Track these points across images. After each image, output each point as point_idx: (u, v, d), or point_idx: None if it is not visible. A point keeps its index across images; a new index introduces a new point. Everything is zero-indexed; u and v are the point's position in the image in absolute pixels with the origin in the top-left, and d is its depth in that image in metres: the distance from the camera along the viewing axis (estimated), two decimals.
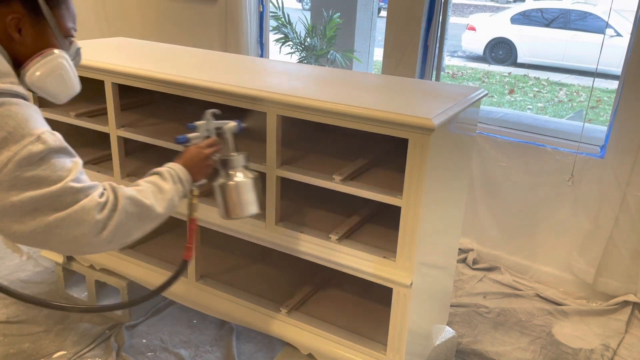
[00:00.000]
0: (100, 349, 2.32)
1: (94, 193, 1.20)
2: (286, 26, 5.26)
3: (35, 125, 1.14)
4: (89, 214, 1.18)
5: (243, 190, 1.59)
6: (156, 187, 1.38)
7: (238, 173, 1.61)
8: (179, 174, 1.47)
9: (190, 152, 1.55)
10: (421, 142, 1.57)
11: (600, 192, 2.70)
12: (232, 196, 1.60)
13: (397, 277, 1.72)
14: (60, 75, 1.27)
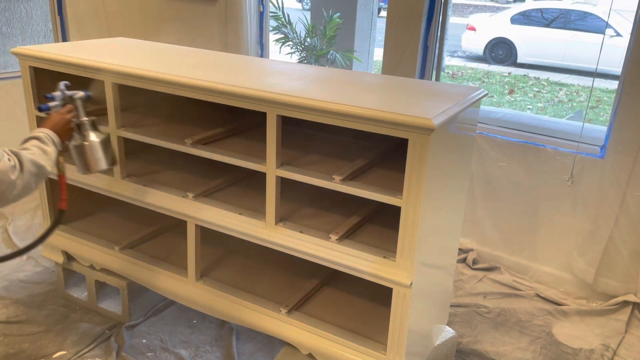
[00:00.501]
0: (100, 349, 2.32)
1: (3, 159, 1.49)
2: (286, 26, 5.26)
3: None
4: (5, 175, 1.48)
5: (96, 148, 1.90)
6: (42, 150, 1.65)
7: (91, 134, 1.90)
8: (52, 137, 1.72)
9: (55, 118, 1.81)
10: (421, 142, 1.57)
11: (600, 192, 2.70)
12: (89, 153, 1.89)
13: (397, 277, 1.72)
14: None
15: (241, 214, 2.04)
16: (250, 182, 2.28)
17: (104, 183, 2.31)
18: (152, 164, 2.42)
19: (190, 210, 2.12)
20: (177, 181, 2.29)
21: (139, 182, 2.26)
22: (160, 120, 2.36)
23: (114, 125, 2.19)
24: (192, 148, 2.06)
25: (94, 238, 2.49)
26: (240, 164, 1.97)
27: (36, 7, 4.09)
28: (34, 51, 2.29)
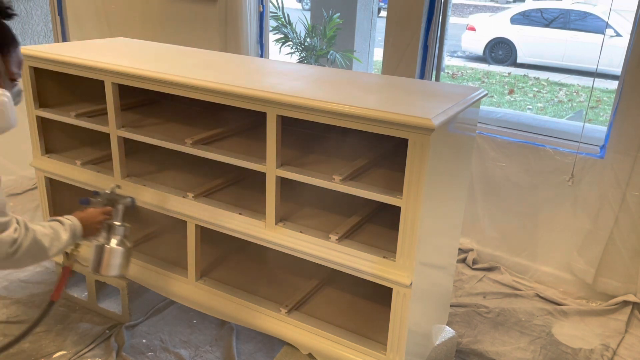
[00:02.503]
0: (100, 349, 2.32)
1: (10, 229, 1.46)
2: (286, 26, 5.26)
3: None
4: (2, 247, 1.44)
5: (114, 255, 1.89)
6: (57, 235, 1.64)
7: (116, 240, 1.89)
8: (76, 230, 1.72)
9: (89, 213, 1.82)
10: (421, 142, 1.57)
11: (600, 192, 2.71)
12: (106, 257, 1.88)
13: (397, 277, 1.72)
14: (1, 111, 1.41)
15: (241, 214, 2.04)
16: (250, 182, 2.29)
17: (104, 183, 2.31)
18: (152, 164, 2.42)
19: (190, 210, 2.12)
20: (177, 181, 2.29)
21: (139, 182, 2.27)
22: (160, 120, 2.36)
23: (114, 125, 2.19)
24: (192, 148, 2.06)
25: None
26: (240, 164, 1.97)
27: (36, 7, 4.09)
28: (34, 51, 2.29)
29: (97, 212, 1.85)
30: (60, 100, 2.47)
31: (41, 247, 1.57)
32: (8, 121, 1.44)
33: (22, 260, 1.53)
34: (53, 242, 1.62)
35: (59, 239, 1.64)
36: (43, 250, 1.58)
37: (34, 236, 1.54)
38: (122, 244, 1.90)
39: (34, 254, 1.55)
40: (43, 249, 1.58)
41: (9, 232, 1.45)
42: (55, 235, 1.63)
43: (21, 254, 1.50)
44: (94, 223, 1.82)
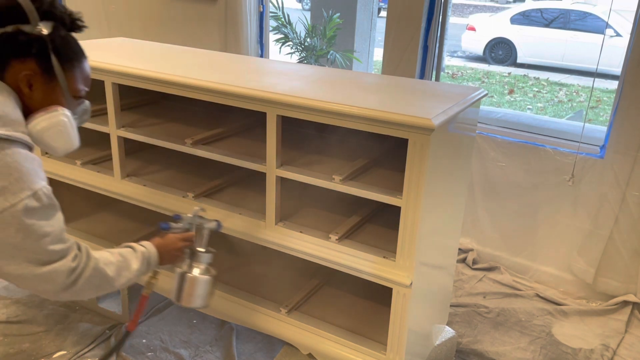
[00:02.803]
0: (100, 349, 2.32)
1: (68, 257, 1.31)
2: (286, 26, 5.25)
3: (34, 180, 1.22)
4: (59, 277, 1.29)
5: (198, 285, 1.71)
6: (126, 263, 1.48)
7: (200, 268, 1.71)
8: (150, 258, 1.56)
9: (168, 239, 1.66)
10: (421, 142, 1.57)
11: (600, 192, 2.71)
12: (187, 286, 1.71)
13: (397, 277, 1.72)
14: (59, 131, 1.33)
15: (241, 214, 2.04)
16: (250, 182, 2.29)
17: (104, 183, 2.31)
18: (152, 164, 2.42)
19: (190, 210, 2.11)
20: (177, 181, 2.29)
21: (139, 182, 2.27)
22: (160, 120, 2.36)
23: (114, 125, 2.19)
24: (192, 148, 2.06)
25: (94, 238, 2.49)
26: (240, 164, 1.97)
27: None
28: None
29: (178, 238, 1.67)
30: None
31: (105, 277, 1.40)
32: (68, 142, 1.37)
33: (83, 291, 1.36)
34: (121, 272, 1.45)
35: (128, 268, 1.48)
36: (107, 280, 1.41)
37: (96, 265, 1.38)
38: (207, 272, 1.72)
39: (96, 285, 1.39)
40: (107, 279, 1.41)
41: (65, 260, 1.30)
42: (123, 263, 1.47)
43: (81, 284, 1.34)
44: (173, 250, 1.65)
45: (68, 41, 1.35)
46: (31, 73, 1.29)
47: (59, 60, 1.31)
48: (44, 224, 1.23)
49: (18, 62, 1.28)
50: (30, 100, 1.31)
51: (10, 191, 1.17)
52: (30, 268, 1.24)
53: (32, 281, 1.26)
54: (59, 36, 1.31)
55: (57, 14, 1.32)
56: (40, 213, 1.22)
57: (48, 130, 1.31)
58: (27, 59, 1.28)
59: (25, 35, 1.27)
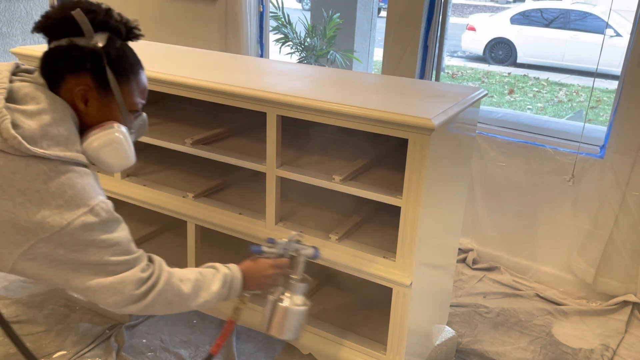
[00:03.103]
0: (100, 349, 2.32)
1: (137, 267, 1.26)
2: (286, 26, 5.25)
3: (90, 195, 1.19)
4: (126, 288, 1.23)
5: (290, 317, 1.58)
6: (205, 283, 1.40)
7: (294, 297, 1.59)
8: (233, 282, 1.47)
9: (259, 265, 1.55)
10: (421, 142, 1.57)
11: (600, 192, 2.71)
12: (278, 316, 1.58)
13: (397, 277, 1.72)
14: (115, 148, 1.28)
15: (241, 214, 2.04)
16: (250, 182, 2.28)
17: (104, 183, 2.30)
18: (152, 164, 2.42)
19: (190, 210, 2.12)
20: (177, 181, 2.29)
21: (139, 182, 2.27)
22: (160, 120, 2.36)
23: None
24: (192, 148, 2.06)
25: None
26: (240, 164, 1.97)
27: (36, 7, 4.09)
28: (34, 51, 2.29)
29: (269, 264, 1.56)
30: None
31: (179, 294, 1.33)
32: (124, 159, 1.32)
33: (155, 306, 1.29)
34: (198, 292, 1.38)
35: (207, 288, 1.39)
36: (182, 297, 1.34)
37: (169, 279, 1.32)
38: (300, 303, 1.59)
39: (169, 301, 1.32)
40: (182, 296, 1.34)
41: (134, 271, 1.25)
42: (202, 283, 1.39)
43: (153, 298, 1.28)
44: (263, 277, 1.54)
45: (124, 53, 1.32)
46: (86, 88, 1.25)
47: (114, 74, 1.27)
48: (106, 238, 1.20)
49: (73, 77, 1.24)
50: (86, 116, 1.27)
51: (66, 209, 1.14)
52: (97, 280, 1.21)
53: (100, 293, 1.22)
54: (114, 48, 1.28)
55: (112, 25, 1.29)
56: (101, 227, 1.19)
57: (103, 148, 1.26)
58: (82, 73, 1.25)
59: (79, 49, 1.23)
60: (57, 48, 1.25)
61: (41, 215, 1.12)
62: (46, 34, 1.28)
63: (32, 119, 1.16)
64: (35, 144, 1.13)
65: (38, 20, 1.27)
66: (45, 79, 1.26)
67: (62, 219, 1.14)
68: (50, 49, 1.27)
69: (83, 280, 1.20)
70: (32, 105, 1.18)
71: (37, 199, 1.12)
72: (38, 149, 1.12)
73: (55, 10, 1.26)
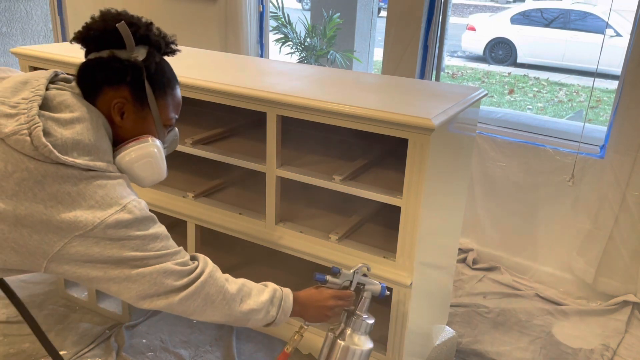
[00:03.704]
0: (100, 349, 2.32)
1: (178, 260, 1.24)
2: (286, 26, 5.26)
3: (122, 195, 1.18)
4: (168, 278, 1.21)
5: (350, 356, 1.49)
6: (253, 292, 1.36)
7: (355, 336, 1.50)
8: (284, 302, 1.42)
9: (319, 295, 1.51)
10: (421, 142, 1.57)
11: (600, 192, 2.71)
12: (336, 354, 1.50)
13: (397, 277, 1.72)
14: (149, 162, 1.29)
15: (241, 214, 2.04)
16: (250, 182, 2.28)
17: None
18: None
19: (190, 210, 2.12)
20: (177, 181, 2.29)
21: None
22: None
23: None
24: (192, 148, 2.06)
25: None
26: (240, 164, 1.97)
27: (36, 7, 4.10)
28: (34, 51, 2.29)
29: (332, 294, 1.50)
30: None
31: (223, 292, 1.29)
32: (157, 173, 1.33)
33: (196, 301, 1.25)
34: (244, 297, 1.33)
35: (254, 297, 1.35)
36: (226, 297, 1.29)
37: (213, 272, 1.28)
38: (362, 342, 1.49)
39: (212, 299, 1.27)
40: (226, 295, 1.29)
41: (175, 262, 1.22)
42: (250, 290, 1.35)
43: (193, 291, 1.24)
44: (323, 308, 1.48)
45: (162, 68, 1.31)
46: (124, 101, 1.25)
47: (152, 88, 1.26)
48: (142, 234, 1.19)
49: (111, 89, 1.24)
50: (121, 129, 1.27)
51: (98, 208, 1.13)
52: (137, 271, 1.19)
53: (139, 284, 1.19)
54: (153, 62, 1.27)
55: (153, 39, 1.29)
56: (136, 224, 1.18)
57: (138, 162, 1.27)
58: (121, 86, 1.24)
59: (120, 61, 1.24)
60: (97, 59, 1.25)
61: (74, 214, 1.11)
62: (86, 45, 1.28)
63: (65, 128, 1.15)
64: (66, 153, 1.12)
65: (78, 30, 1.27)
66: (82, 89, 1.26)
67: (95, 217, 1.13)
68: (89, 60, 1.27)
69: (123, 271, 1.17)
70: (66, 113, 1.17)
71: (69, 201, 1.12)
72: (68, 158, 1.12)
73: (97, 21, 1.27)
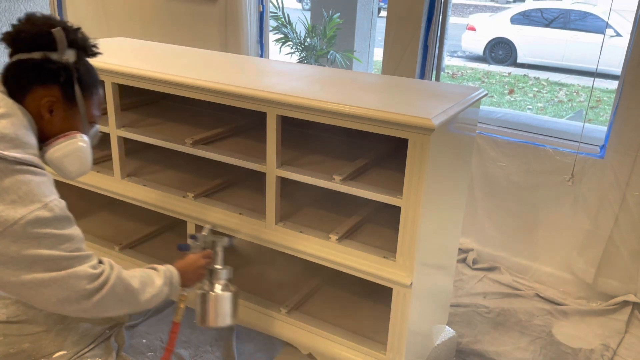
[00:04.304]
0: (100, 349, 2.32)
1: (89, 263, 1.30)
2: (286, 26, 5.26)
3: (45, 193, 1.23)
4: (79, 282, 1.27)
5: (223, 302, 1.70)
6: (149, 279, 1.47)
7: (220, 285, 1.72)
8: (172, 277, 1.55)
9: (189, 260, 1.66)
10: (421, 142, 1.57)
11: (600, 192, 2.71)
12: (210, 306, 1.70)
13: (397, 277, 1.72)
14: (79, 157, 1.38)
15: (241, 214, 2.04)
16: (250, 182, 2.28)
17: (104, 183, 2.31)
18: (152, 164, 2.42)
19: (190, 210, 2.12)
20: (177, 181, 2.29)
21: (139, 182, 2.27)
22: (160, 120, 2.36)
23: (114, 125, 2.19)
24: (192, 148, 2.06)
25: (94, 238, 2.49)
26: (240, 164, 1.97)
27: (36, 7, 4.10)
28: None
29: (198, 257, 1.68)
30: None
31: (129, 289, 1.38)
32: (84, 166, 1.41)
33: (107, 302, 1.32)
34: (145, 287, 1.44)
35: (152, 283, 1.46)
36: (132, 292, 1.39)
37: (120, 274, 1.36)
38: (227, 288, 1.72)
39: (121, 297, 1.36)
40: (132, 291, 1.39)
41: (86, 266, 1.28)
42: (147, 279, 1.46)
43: (105, 293, 1.31)
44: (197, 268, 1.66)
45: (89, 69, 1.41)
46: (54, 99, 1.32)
47: (80, 88, 1.36)
48: (60, 233, 1.23)
49: (42, 88, 1.32)
50: (49, 125, 1.34)
51: (20, 204, 1.18)
52: (48, 274, 1.22)
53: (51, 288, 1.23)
54: (82, 64, 1.37)
55: (80, 42, 1.37)
56: (54, 223, 1.22)
57: (68, 156, 1.35)
58: (52, 85, 1.32)
59: (54, 63, 1.31)
60: (29, 60, 1.31)
61: None
62: (14, 46, 1.34)
63: None
64: None
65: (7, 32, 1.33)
66: (8, 88, 1.32)
67: (15, 213, 1.17)
68: (19, 60, 1.33)
69: (35, 276, 1.21)
70: None
71: None
72: None
73: (26, 24, 1.34)
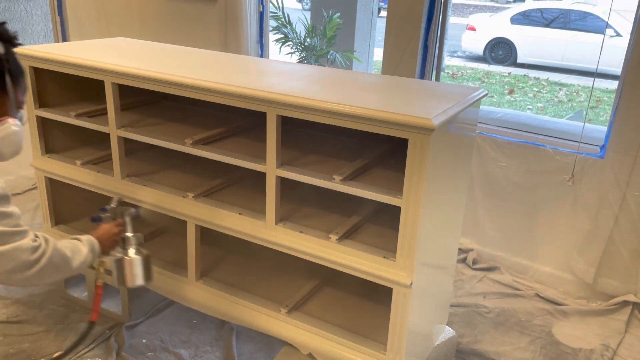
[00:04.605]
0: (100, 349, 2.32)
1: (29, 237, 1.47)
2: (286, 26, 5.26)
3: None
4: (22, 254, 1.44)
5: (136, 264, 1.90)
6: (77, 248, 1.66)
7: (132, 250, 1.91)
8: (94, 244, 1.74)
9: (103, 229, 1.84)
10: (421, 142, 1.57)
11: (600, 192, 2.70)
12: (127, 268, 1.90)
13: (397, 277, 1.72)
14: (13, 140, 1.49)
15: (241, 214, 2.04)
16: (250, 182, 2.28)
17: (104, 183, 2.31)
18: (152, 164, 2.42)
19: (190, 210, 2.12)
20: (177, 181, 2.29)
21: (139, 182, 2.27)
22: (160, 120, 2.36)
23: (114, 125, 2.19)
24: (192, 148, 2.06)
25: None
26: (240, 164, 1.97)
27: (36, 7, 4.10)
28: (34, 51, 2.29)
29: (111, 226, 1.87)
30: (60, 100, 2.47)
31: (64, 257, 1.58)
32: (18, 148, 1.52)
33: (45, 271, 1.51)
34: (75, 255, 1.63)
35: (79, 251, 1.66)
36: (66, 260, 1.58)
37: (55, 245, 1.55)
38: (139, 252, 1.92)
39: (57, 265, 1.55)
40: (66, 259, 1.58)
41: (27, 239, 1.45)
42: (75, 248, 1.66)
43: (45, 263, 1.49)
44: (111, 236, 1.84)
45: (16, 59, 1.52)
46: None
47: (10, 77, 1.46)
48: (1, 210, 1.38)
49: None
50: None
51: None
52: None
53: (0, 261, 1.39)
54: (11, 55, 1.48)
55: (6, 36, 1.47)
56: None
57: (4, 139, 1.46)
58: None
59: None
60: None
61: None
62: None
63: None
64: None
65: None
66: None
67: None
68: None
69: None
70: None
71: None
72: None
73: None
